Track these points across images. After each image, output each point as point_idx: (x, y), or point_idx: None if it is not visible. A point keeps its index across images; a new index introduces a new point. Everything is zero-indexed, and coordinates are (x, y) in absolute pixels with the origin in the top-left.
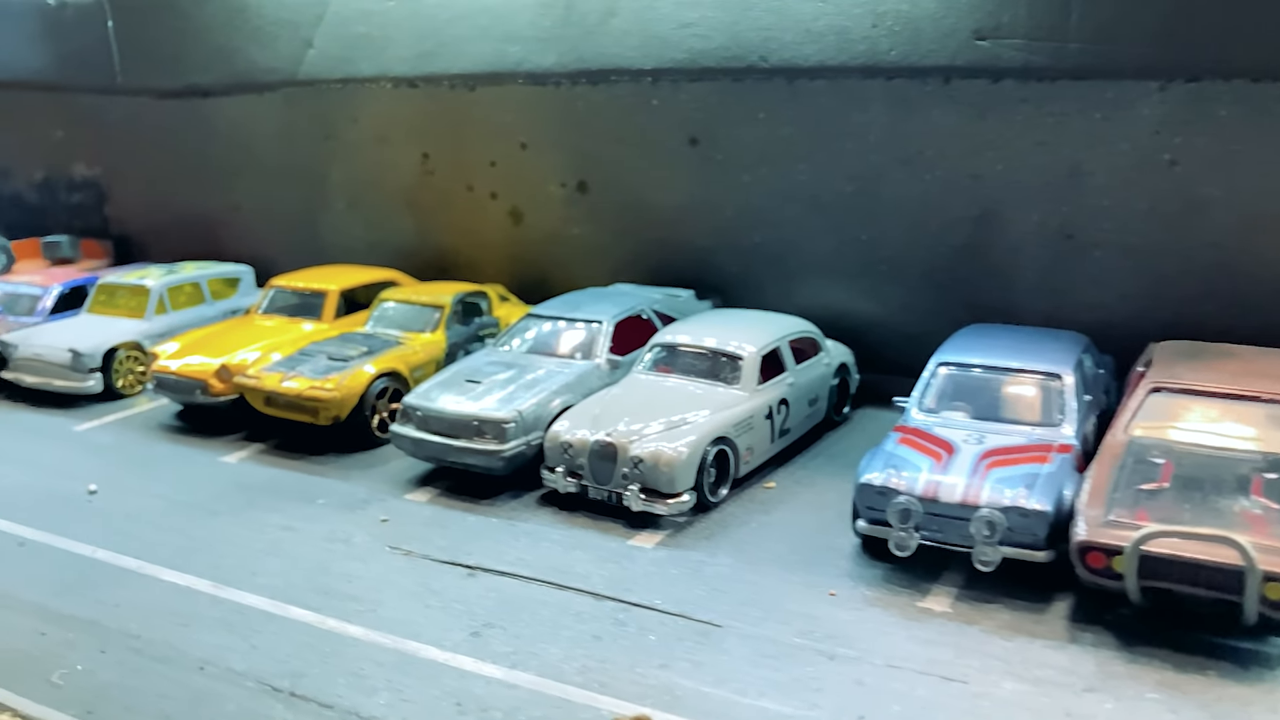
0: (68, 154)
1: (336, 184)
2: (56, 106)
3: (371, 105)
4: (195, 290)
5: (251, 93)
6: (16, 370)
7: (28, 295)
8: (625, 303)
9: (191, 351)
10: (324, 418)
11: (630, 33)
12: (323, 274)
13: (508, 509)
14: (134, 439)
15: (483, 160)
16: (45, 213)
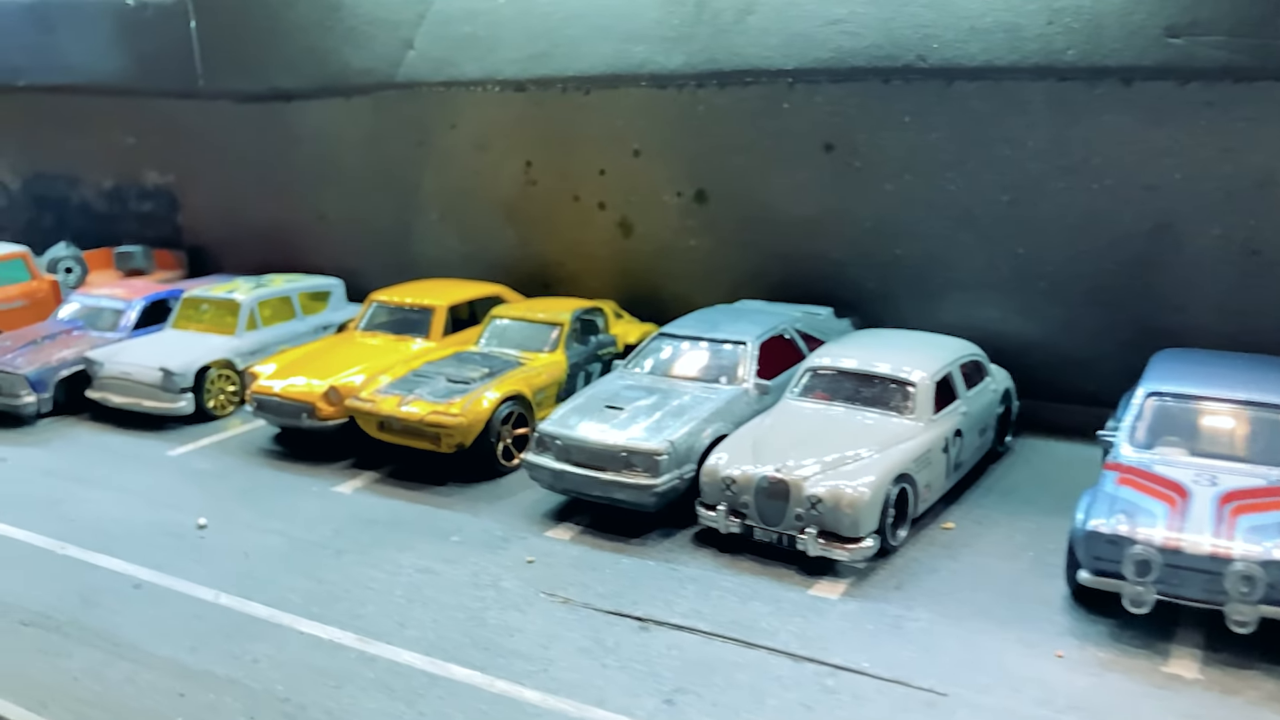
0: (139, 161)
1: (429, 193)
2: (129, 111)
3: (470, 110)
4: (286, 304)
5: (339, 96)
6: (102, 390)
7: (110, 309)
8: (766, 321)
9: (293, 371)
10: (447, 445)
11: (770, 31)
12: (426, 289)
13: (662, 550)
14: (235, 465)
15: (591, 168)
16: (114, 221)
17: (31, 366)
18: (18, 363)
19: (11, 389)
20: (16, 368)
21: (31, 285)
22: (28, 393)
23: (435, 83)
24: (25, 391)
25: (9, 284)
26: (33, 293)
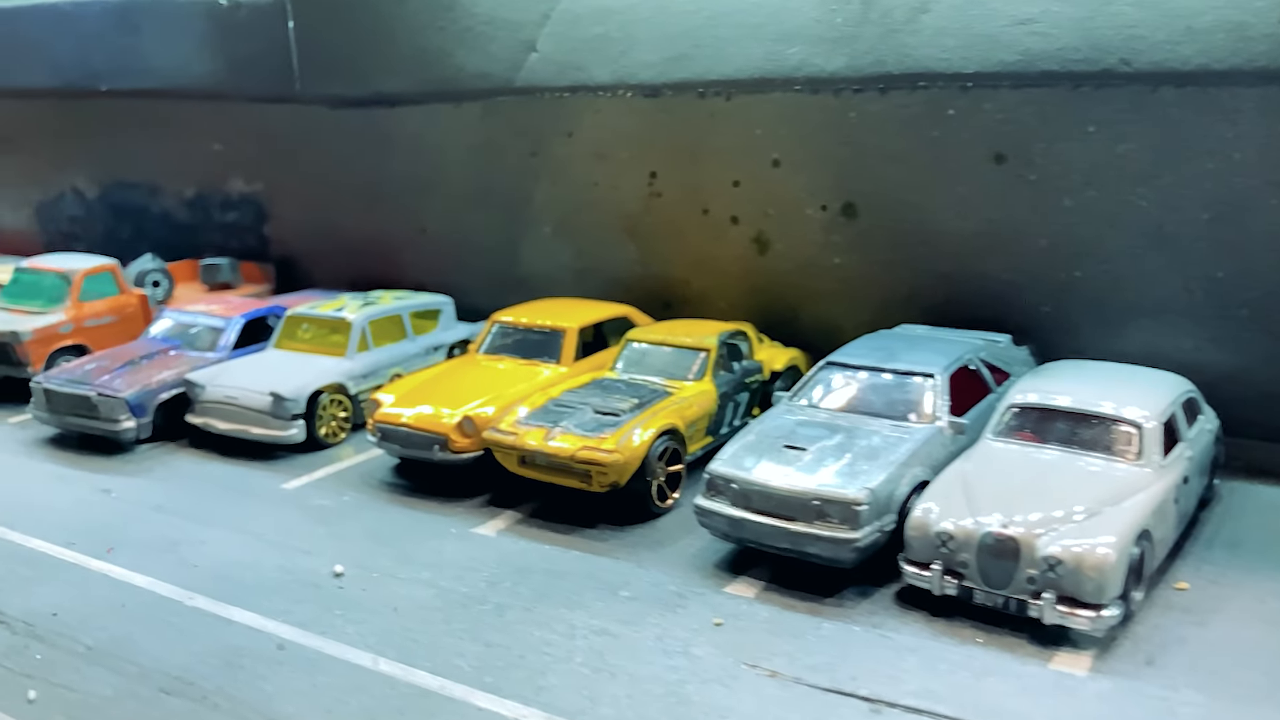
0: (225, 168)
1: (541, 206)
2: (215, 116)
3: (590, 117)
4: (396, 324)
5: (447, 102)
6: (205, 415)
7: (208, 328)
8: (950, 350)
9: (419, 399)
10: (599, 484)
11: (947, 31)
12: (552, 309)
13: (864, 612)
14: (359, 502)
15: (724, 179)
16: (196, 232)
17: (131, 389)
18: (116, 385)
19: (110, 413)
20: (116, 390)
21: (120, 300)
22: (127, 417)
23: (559, 88)
24: (125, 416)
25: (97, 299)
26: (121, 308)
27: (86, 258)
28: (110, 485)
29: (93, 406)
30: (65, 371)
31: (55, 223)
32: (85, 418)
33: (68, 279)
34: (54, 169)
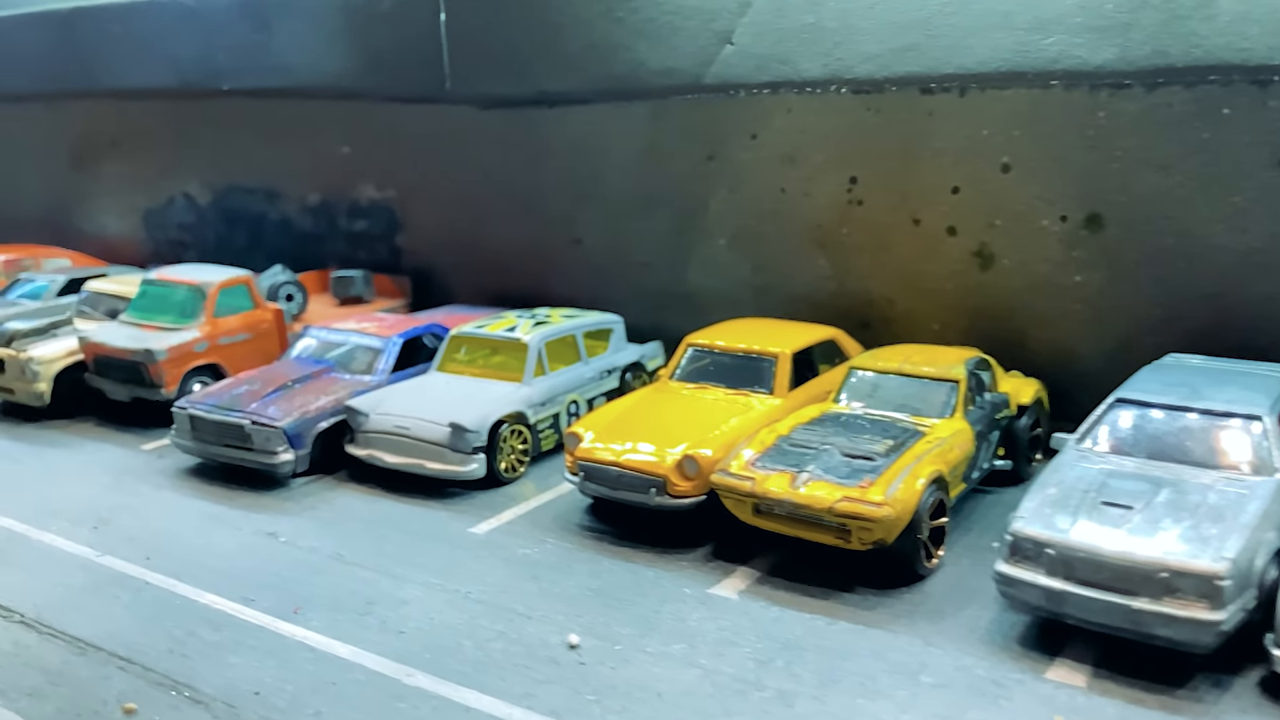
0: (354, 173)
1: (716, 215)
2: (346, 118)
3: (780, 117)
4: (569, 345)
5: (614, 102)
6: (370, 446)
7: (365, 348)
8: (1264, 387)
9: (625, 434)
10: (860, 541)
11: (1250, 16)
12: (753, 331)
13: (1231, 710)
14: (564, 551)
15: (940, 185)
16: (320, 241)
17: (288, 418)
18: (272, 413)
19: (265, 444)
20: (272, 419)
21: (256, 315)
22: (284, 449)
23: (757, 84)
24: (282, 447)
25: (232, 314)
26: (256, 324)
27: (219, 269)
28: (274, 527)
29: (245, 436)
30: (211, 395)
31: (163, 230)
32: (237, 448)
33: (202, 292)
34: (164, 174)
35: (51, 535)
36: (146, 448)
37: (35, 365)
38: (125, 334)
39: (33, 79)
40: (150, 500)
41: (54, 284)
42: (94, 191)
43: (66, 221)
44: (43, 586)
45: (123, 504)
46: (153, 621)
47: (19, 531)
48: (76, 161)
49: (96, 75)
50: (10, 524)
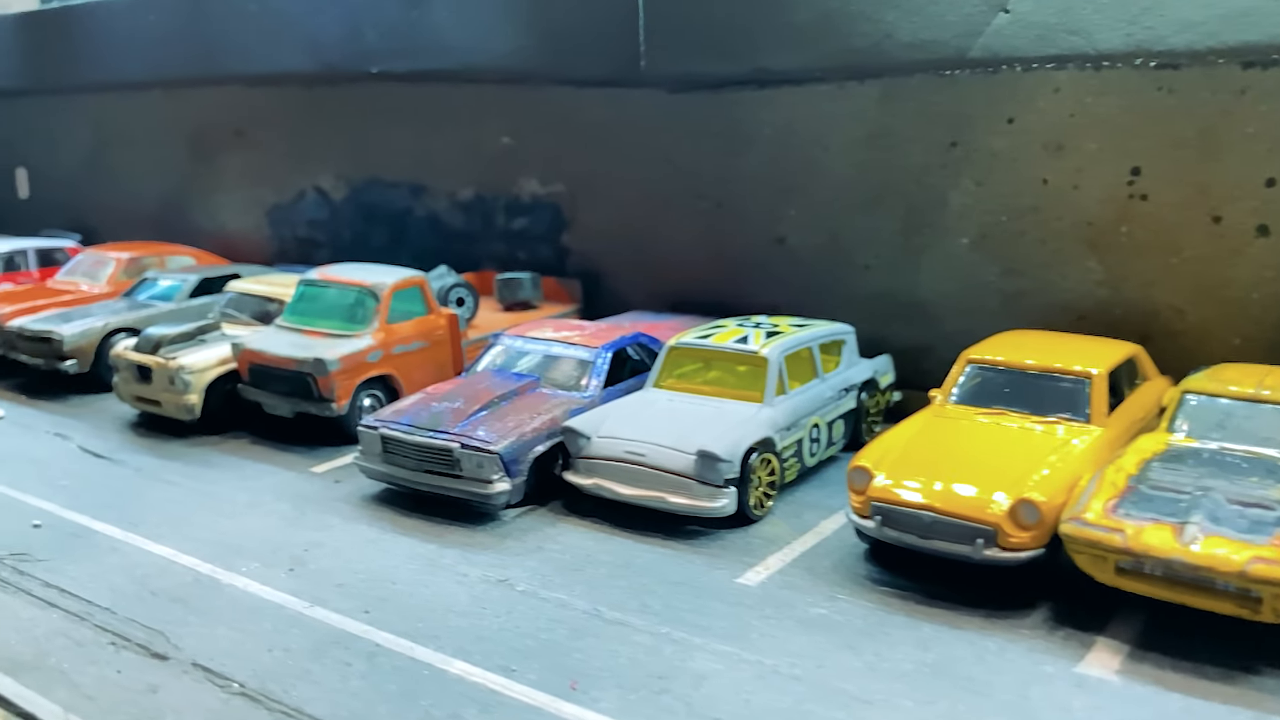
0: (515, 165)
1: (959, 210)
2: (508, 104)
3: (1044, 98)
4: (806, 360)
5: (838, 81)
6: (594, 475)
7: (571, 360)
8: None
9: (917, 471)
10: (1275, 612)
11: None
12: (1043, 346)
13: None
14: (862, 610)
15: (1251, 177)
16: (472, 240)
17: (504, 441)
18: (484, 435)
19: (477, 471)
20: (486, 443)
21: (430, 321)
22: (500, 477)
23: (1036, 59)
24: (497, 475)
25: (405, 319)
26: (430, 330)
27: (388, 269)
28: (504, 573)
29: (453, 462)
30: (404, 413)
31: (290, 227)
32: (442, 475)
33: (375, 295)
34: (294, 166)
35: (244, 580)
36: (317, 470)
37: (186, 374)
38: (288, 341)
39: (152, 65)
40: (344, 536)
41: (185, 284)
42: (214, 185)
43: (181, 217)
44: (255, 648)
45: (314, 541)
46: (404, 699)
47: (206, 574)
48: (196, 153)
49: (223, 60)
50: (194, 564)
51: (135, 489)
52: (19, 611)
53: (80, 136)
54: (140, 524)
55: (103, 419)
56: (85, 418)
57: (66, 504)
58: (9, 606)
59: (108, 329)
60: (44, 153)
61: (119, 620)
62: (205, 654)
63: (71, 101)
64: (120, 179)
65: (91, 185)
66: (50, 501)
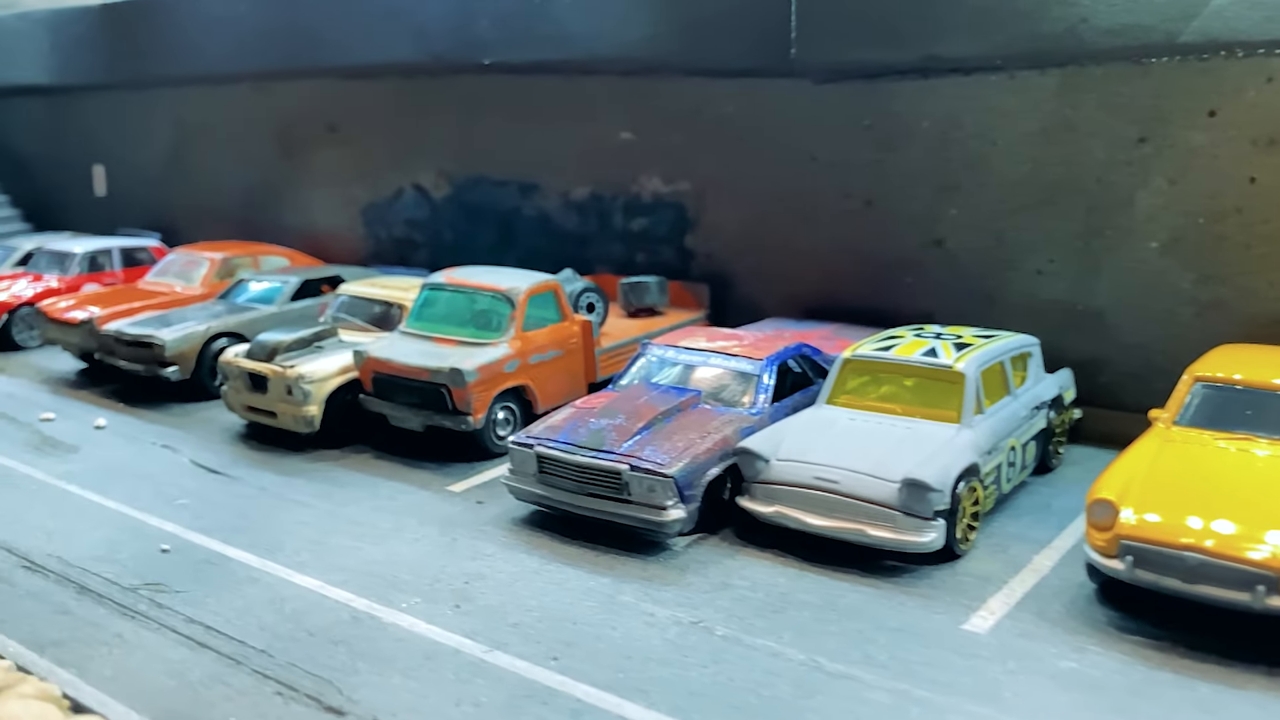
0: (636, 163)
1: (1147, 211)
2: (631, 97)
3: (1255, 88)
4: (998, 375)
5: (1012, 70)
6: (775, 502)
7: (733, 372)
8: None
9: (1169, 506)
10: None
11: None
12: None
13: None
14: (1118, 664)
15: None
16: (586, 242)
17: (677, 463)
18: (655, 456)
19: (649, 496)
20: (658, 465)
21: (564, 328)
22: (674, 503)
23: (1262, 43)
24: (671, 501)
25: (540, 326)
26: (565, 338)
27: (519, 273)
28: (695, 613)
29: (622, 485)
30: (560, 430)
31: (386, 226)
32: (607, 499)
33: (510, 300)
34: (392, 162)
35: (409, 619)
36: (454, 489)
37: (305, 384)
38: (418, 350)
39: (241, 58)
40: (505, 566)
41: (287, 286)
42: (303, 182)
43: (267, 215)
44: (441, 701)
45: (473, 572)
46: None
47: (363, 611)
48: (285, 149)
49: (319, 51)
50: (347, 599)
51: (262, 510)
52: (166, 652)
53: (161, 132)
54: (277, 550)
55: (209, 430)
56: (189, 428)
57: (191, 525)
58: (154, 646)
59: (209, 333)
60: (122, 149)
61: (279, 665)
62: (386, 709)
63: (152, 96)
64: (202, 176)
65: (171, 183)
66: (172, 522)
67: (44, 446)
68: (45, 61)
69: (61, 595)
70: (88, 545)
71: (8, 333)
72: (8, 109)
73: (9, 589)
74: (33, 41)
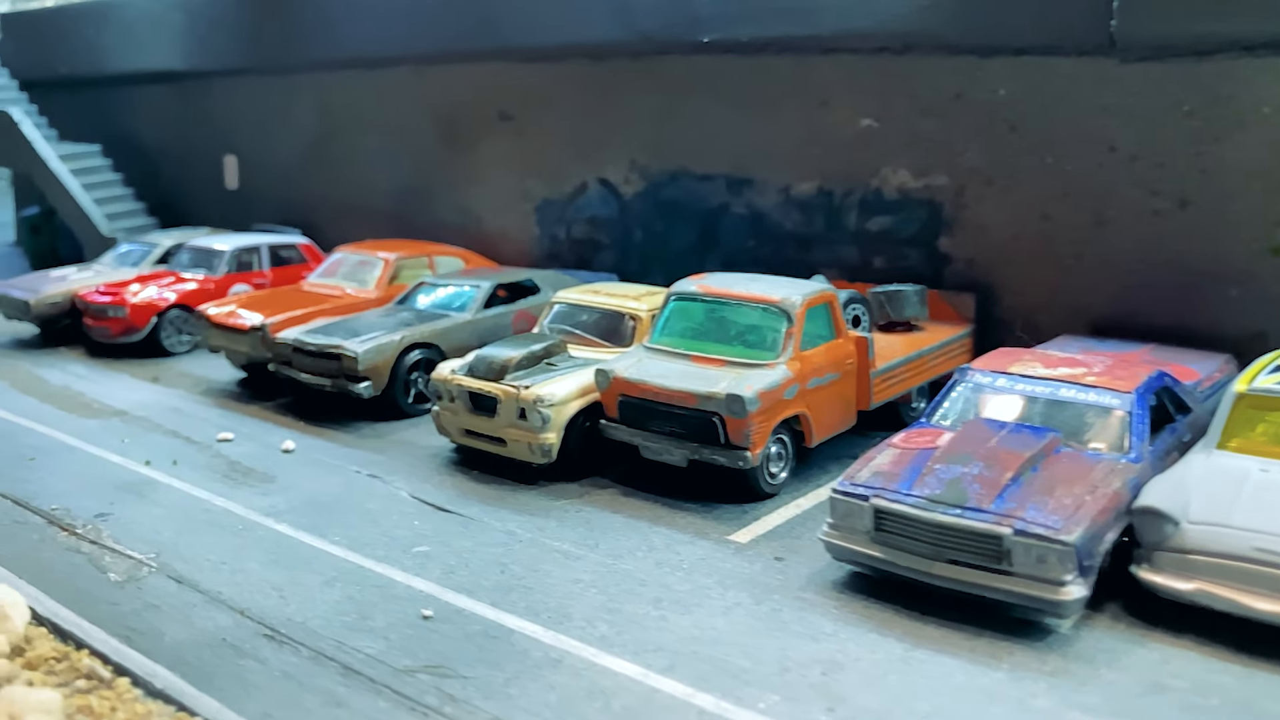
0: (879, 154)
1: None
2: (878, 77)
3: None
4: None
5: None
6: (1197, 577)
7: (1097, 408)
8: None
9: None
10: None
11: None
12: None
13: None
14: None
15: None
16: (809, 244)
17: (1074, 527)
18: (1042, 518)
19: (1038, 568)
20: (1050, 529)
21: (839, 347)
22: (1073, 576)
23: None
24: (1070, 575)
25: (815, 345)
26: (841, 359)
27: (789, 282)
28: None
29: (1001, 553)
30: (898, 479)
31: (563, 224)
32: (979, 569)
33: (786, 314)
34: (574, 155)
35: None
36: (737, 539)
37: (545, 407)
38: (678, 370)
39: (401, 39)
40: (860, 652)
41: (479, 291)
42: (468, 176)
43: (423, 211)
44: None
45: (825, 658)
46: None
47: (712, 713)
48: (448, 139)
49: (497, 31)
50: (686, 694)
51: (523, 562)
52: None
53: (303, 120)
54: (565, 620)
55: (413, 456)
56: (389, 453)
57: (444, 581)
58: None
59: (403, 343)
60: (258, 139)
61: None
62: None
63: (295, 81)
64: (348, 168)
65: (311, 175)
66: (420, 577)
67: (234, 474)
68: (179, 46)
69: (324, 678)
70: (330, 607)
71: (155, 337)
72: (133, 97)
73: (260, 668)
74: (166, 25)
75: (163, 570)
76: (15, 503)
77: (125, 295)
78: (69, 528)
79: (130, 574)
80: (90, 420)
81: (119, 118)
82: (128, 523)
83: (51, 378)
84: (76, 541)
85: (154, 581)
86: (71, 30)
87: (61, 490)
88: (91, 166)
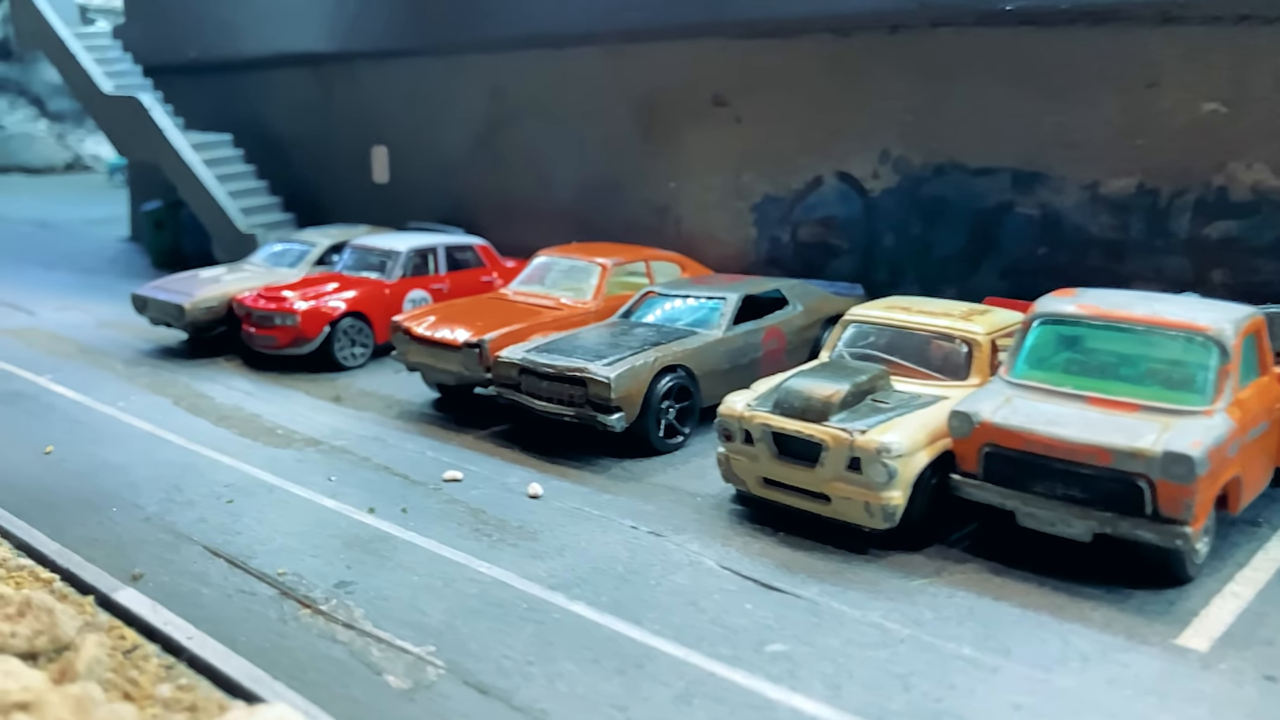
0: (1223, 145)
1: None
2: (1216, 54)
3: None
4: None
5: None
6: None
7: None
8: None
9: None
10: None
11: None
12: None
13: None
14: None
15: None
16: (1119, 251)
17: None
18: None
19: None
20: None
21: (1268, 388)
22: None
23: None
24: None
25: (1245, 385)
26: (1271, 403)
27: (1203, 302)
28: None
29: None
30: None
31: (789, 226)
32: None
33: (1221, 345)
34: (807, 145)
35: None
36: (1189, 644)
37: (889, 459)
38: (1074, 416)
39: (593, 14)
40: None
41: (726, 304)
42: (669, 170)
43: (609, 209)
44: None
45: None
46: None
47: None
48: (646, 128)
49: (718, 2)
50: None
51: (921, 672)
52: None
53: (469, 107)
54: None
55: (690, 509)
56: (656, 500)
57: (835, 702)
58: None
59: (657, 366)
60: (414, 128)
61: None
62: None
63: (459, 63)
64: (520, 161)
65: (475, 168)
66: (800, 694)
67: (484, 527)
68: (325, 26)
69: None
70: None
71: (326, 348)
72: (268, 82)
73: None
74: (311, 4)
75: (454, 672)
76: (233, 564)
77: (294, 301)
78: (309, 603)
79: (413, 677)
80: (282, 450)
81: (252, 105)
82: (378, 596)
83: (217, 395)
84: (327, 625)
85: (449, 689)
86: (203, 11)
87: (281, 547)
88: (222, 157)
